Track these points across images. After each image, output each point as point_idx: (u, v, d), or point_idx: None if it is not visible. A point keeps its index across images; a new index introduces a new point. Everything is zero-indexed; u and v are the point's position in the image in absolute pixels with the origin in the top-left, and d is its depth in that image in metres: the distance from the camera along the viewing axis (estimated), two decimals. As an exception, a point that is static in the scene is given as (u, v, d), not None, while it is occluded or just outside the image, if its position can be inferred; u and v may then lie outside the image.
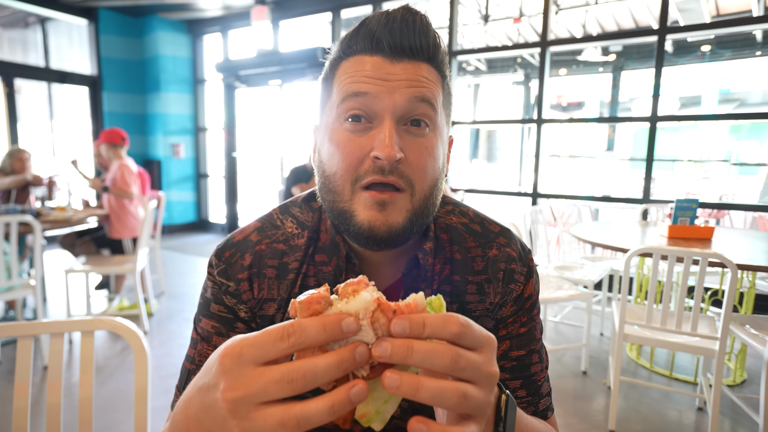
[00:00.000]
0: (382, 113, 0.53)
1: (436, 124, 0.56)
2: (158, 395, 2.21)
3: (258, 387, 0.30)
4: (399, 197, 0.54)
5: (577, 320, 3.29)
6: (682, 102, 14.09)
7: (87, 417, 0.80)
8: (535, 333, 0.66)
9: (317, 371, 0.30)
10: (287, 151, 6.20)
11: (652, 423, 2.07)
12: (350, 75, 0.54)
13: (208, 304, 0.64)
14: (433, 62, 0.56)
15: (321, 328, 0.31)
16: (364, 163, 0.53)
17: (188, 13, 6.13)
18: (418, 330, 0.32)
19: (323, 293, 0.34)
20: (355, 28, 0.56)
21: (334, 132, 0.56)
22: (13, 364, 2.39)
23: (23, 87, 6.03)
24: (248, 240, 0.64)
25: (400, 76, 0.53)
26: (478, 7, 7.17)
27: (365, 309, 0.33)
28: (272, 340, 0.31)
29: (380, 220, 0.53)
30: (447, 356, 0.32)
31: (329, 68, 0.58)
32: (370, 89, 0.53)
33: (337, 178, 0.55)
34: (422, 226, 0.57)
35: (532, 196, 4.16)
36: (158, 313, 3.36)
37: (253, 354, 0.31)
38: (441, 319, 0.33)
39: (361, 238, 0.55)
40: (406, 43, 0.53)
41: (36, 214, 2.99)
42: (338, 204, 0.56)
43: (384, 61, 0.54)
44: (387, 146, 0.51)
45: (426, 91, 0.54)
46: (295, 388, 0.30)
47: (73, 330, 0.80)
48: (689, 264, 1.77)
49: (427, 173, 0.55)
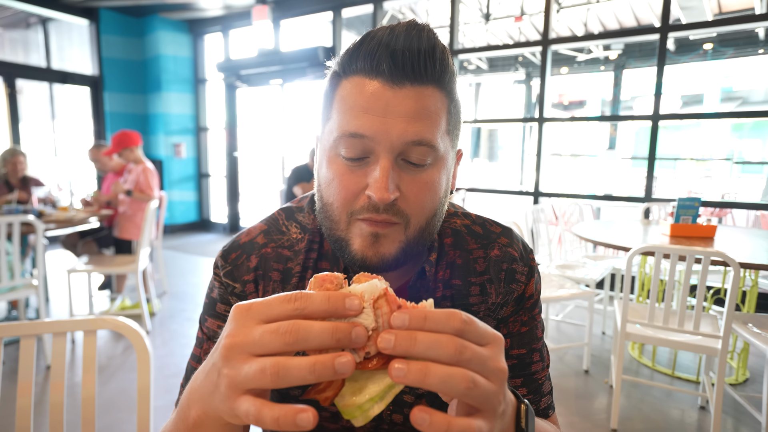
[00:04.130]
0: (378, 151, 0.51)
1: (438, 157, 0.54)
2: (161, 394, 2.21)
3: (254, 337, 0.32)
4: (393, 229, 0.53)
5: (579, 319, 3.29)
6: (684, 100, 14.06)
7: (90, 416, 0.80)
8: (536, 332, 0.66)
9: (310, 331, 0.31)
10: (289, 151, 6.20)
11: (655, 422, 2.07)
12: (349, 106, 0.52)
13: (214, 304, 0.64)
14: (440, 84, 0.53)
15: (325, 299, 0.32)
16: (359, 197, 0.53)
17: (189, 13, 6.13)
18: (419, 323, 0.32)
19: (337, 274, 0.36)
20: (357, 44, 0.53)
21: (331, 160, 0.54)
22: (16, 363, 2.40)
23: (25, 87, 6.05)
24: (254, 242, 0.64)
25: (398, 109, 0.50)
26: (480, 6, 7.16)
27: (371, 293, 0.34)
28: (279, 301, 0.33)
29: (372, 251, 0.53)
30: (451, 346, 0.32)
31: (329, 83, 0.56)
32: (367, 131, 0.50)
33: (335, 209, 0.55)
34: (417, 254, 0.57)
35: (533, 195, 4.16)
36: (160, 313, 3.37)
37: (259, 309, 0.33)
38: (444, 314, 0.33)
39: (354, 266, 0.55)
40: (408, 67, 0.50)
41: (38, 214, 3.00)
42: (335, 232, 0.56)
43: (384, 87, 0.50)
44: (380, 188, 0.50)
45: (425, 131, 0.51)
46: (287, 341, 0.31)
47: (76, 329, 0.81)
48: (691, 262, 1.77)
49: (425, 207, 0.54)
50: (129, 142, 3.30)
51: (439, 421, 0.31)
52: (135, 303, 3.38)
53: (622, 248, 2.08)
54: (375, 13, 5.07)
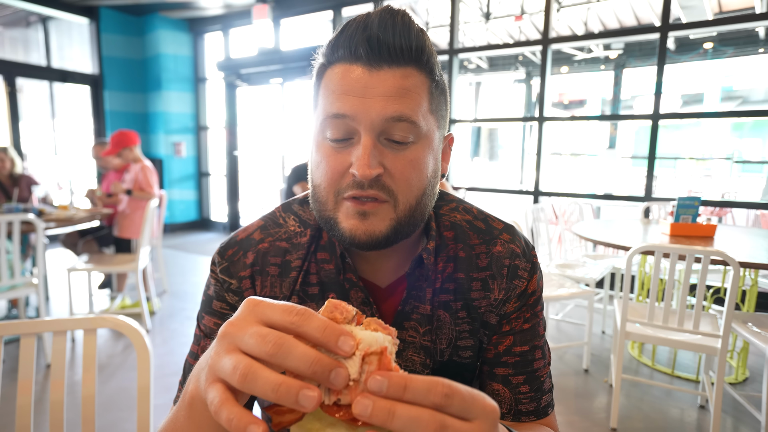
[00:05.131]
0: (359, 130, 0.53)
1: (420, 135, 0.55)
2: (160, 393, 2.22)
3: (244, 332, 0.32)
4: (381, 207, 0.54)
5: (578, 318, 3.29)
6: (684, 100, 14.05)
7: (90, 415, 0.80)
8: (538, 329, 0.66)
9: (291, 351, 0.30)
10: (289, 150, 6.20)
11: (654, 421, 2.07)
12: (331, 90, 0.54)
13: (210, 302, 0.64)
14: (418, 64, 0.54)
15: (322, 327, 0.31)
16: (345, 177, 0.54)
17: (189, 12, 6.13)
18: (398, 392, 0.30)
19: (351, 308, 0.35)
20: (336, 34, 0.55)
21: (319, 144, 0.57)
22: (16, 362, 2.40)
23: (25, 86, 6.05)
24: (251, 238, 0.64)
25: (377, 90, 0.52)
26: (480, 5, 7.15)
27: (369, 344, 0.32)
28: (282, 308, 0.33)
29: (361, 229, 0.54)
30: (432, 425, 0.29)
31: (316, 74, 0.58)
32: (348, 110, 0.52)
33: (322, 189, 0.56)
34: (409, 233, 0.58)
35: (533, 194, 4.16)
36: (160, 312, 3.37)
37: (264, 309, 0.33)
38: (425, 383, 0.30)
39: (344, 244, 0.57)
40: (384, 50, 0.52)
41: (38, 213, 3.00)
42: (324, 212, 0.57)
43: (363, 71, 0.52)
44: (363, 165, 0.51)
45: (403, 108, 0.52)
46: (267, 350, 0.30)
47: (76, 328, 0.81)
48: (691, 262, 1.77)
49: (412, 184, 0.55)
50: (128, 141, 3.30)
51: None
52: (135, 302, 3.39)
53: (622, 247, 2.08)
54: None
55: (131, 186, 3.31)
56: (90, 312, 3.15)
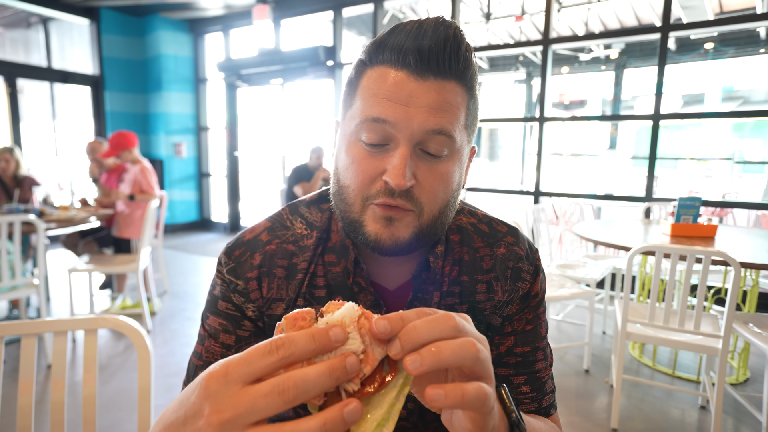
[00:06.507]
0: (398, 138, 0.53)
1: (454, 149, 0.55)
2: (161, 393, 2.22)
3: (247, 405, 0.28)
4: (407, 215, 0.54)
5: (579, 318, 3.29)
6: (685, 100, 14.05)
7: (90, 415, 0.80)
8: (540, 330, 0.67)
9: (308, 380, 0.28)
10: (289, 151, 6.20)
11: (655, 421, 2.07)
12: (373, 93, 0.53)
13: (216, 302, 0.64)
14: (462, 79, 0.54)
15: (310, 338, 0.30)
16: (376, 182, 0.54)
17: (190, 13, 6.13)
18: (398, 323, 0.33)
19: (308, 309, 0.34)
20: (384, 35, 0.54)
21: (351, 145, 0.56)
22: (17, 362, 2.40)
23: (25, 87, 6.06)
24: (258, 239, 0.64)
25: (421, 100, 0.51)
26: (480, 5, 7.15)
27: (350, 316, 0.33)
28: (260, 355, 0.29)
29: (386, 234, 0.54)
30: (448, 321, 0.34)
31: (355, 72, 0.57)
32: (389, 116, 0.52)
33: (350, 191, 0.56)
34: (430, 242, 0.58)
35: (534, 194, 4.16)
36: (161, 312, 3.37)
37: (240, 371, 0.29)
38: (413, 311, 0.35)
39: (368, 247, 0.56)
40: (434, 61, 0.51)
41: (39, 213, 3.00)
42: (349, 214, 0.57)
43: (408, 77, 0.52)
44: (398, 175, 0.51)
45: (445, 122, 0.52)
46: (286, 399, 0.28)
47: (77, 328, 0.81)
48: (692, 262, 1.77)
49: (438, 197, 0.55)
50: (127, 143, 3.30)
51: (453, 390, 0.32)
52: (136, 302, 3.39)
53: (623, 248, 2.08)
54: (376, 12, 5.06)
55: (131, 188, 3.31)
56: (91, 312, 3.15)
